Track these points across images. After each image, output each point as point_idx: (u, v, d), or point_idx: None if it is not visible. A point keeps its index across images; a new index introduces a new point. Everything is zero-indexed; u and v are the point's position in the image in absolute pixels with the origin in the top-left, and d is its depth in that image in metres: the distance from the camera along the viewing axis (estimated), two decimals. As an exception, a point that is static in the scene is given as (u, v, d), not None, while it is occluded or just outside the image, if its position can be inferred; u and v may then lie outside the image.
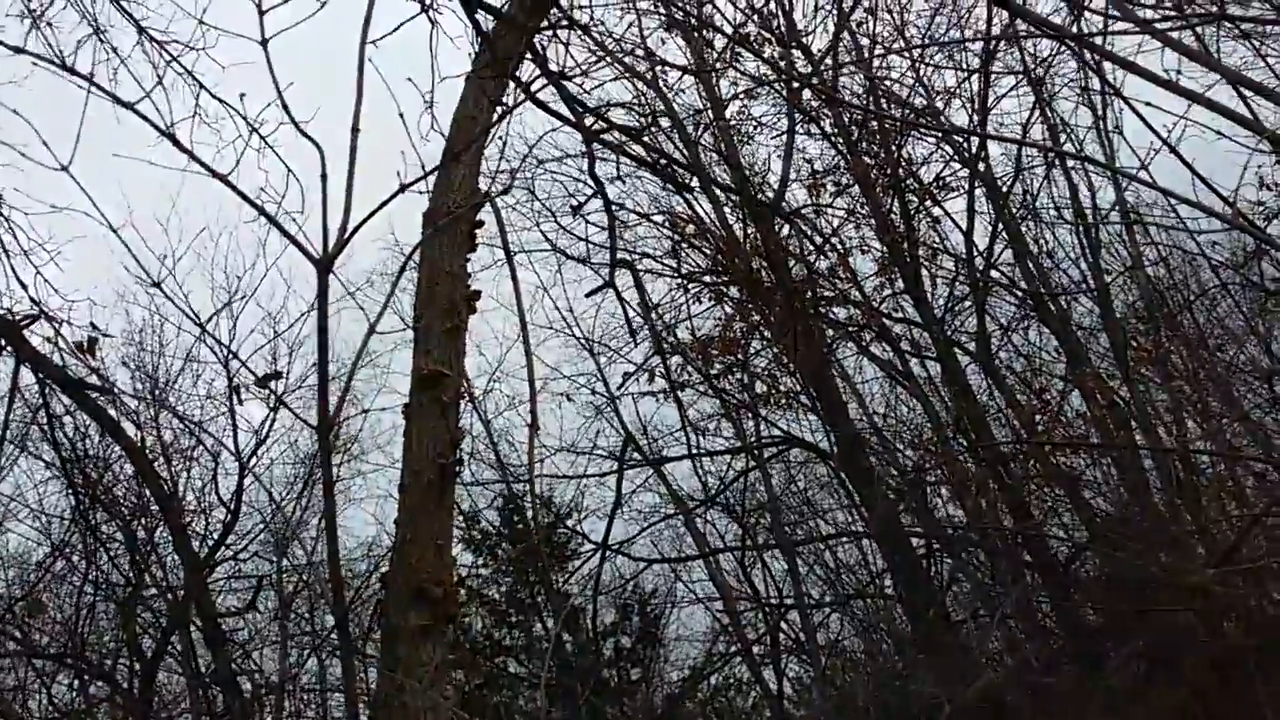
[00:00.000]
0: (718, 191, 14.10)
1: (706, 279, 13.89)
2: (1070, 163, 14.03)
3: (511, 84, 7.92)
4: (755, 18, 12.15)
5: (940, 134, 13.85)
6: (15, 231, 8.14)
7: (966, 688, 8.33)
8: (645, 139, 8.92)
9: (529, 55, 7.66)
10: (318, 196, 5.46)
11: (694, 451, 14.72)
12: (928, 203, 14.07)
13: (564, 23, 7.50)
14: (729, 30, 11.41)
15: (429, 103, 8.39)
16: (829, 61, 12.44)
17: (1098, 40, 5.26)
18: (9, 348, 7.67)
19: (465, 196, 8.45)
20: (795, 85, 13.41)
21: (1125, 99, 10.30)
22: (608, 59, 10.00)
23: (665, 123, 13.88)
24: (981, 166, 13.96)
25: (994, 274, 14.26)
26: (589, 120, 7.11)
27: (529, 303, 14.77)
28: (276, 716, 10.69)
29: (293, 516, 13.53)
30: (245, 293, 12.23)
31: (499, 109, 8.81)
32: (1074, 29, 6.98)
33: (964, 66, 13.71)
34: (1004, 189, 14.14)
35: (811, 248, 13.24)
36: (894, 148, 13.53)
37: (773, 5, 12.40)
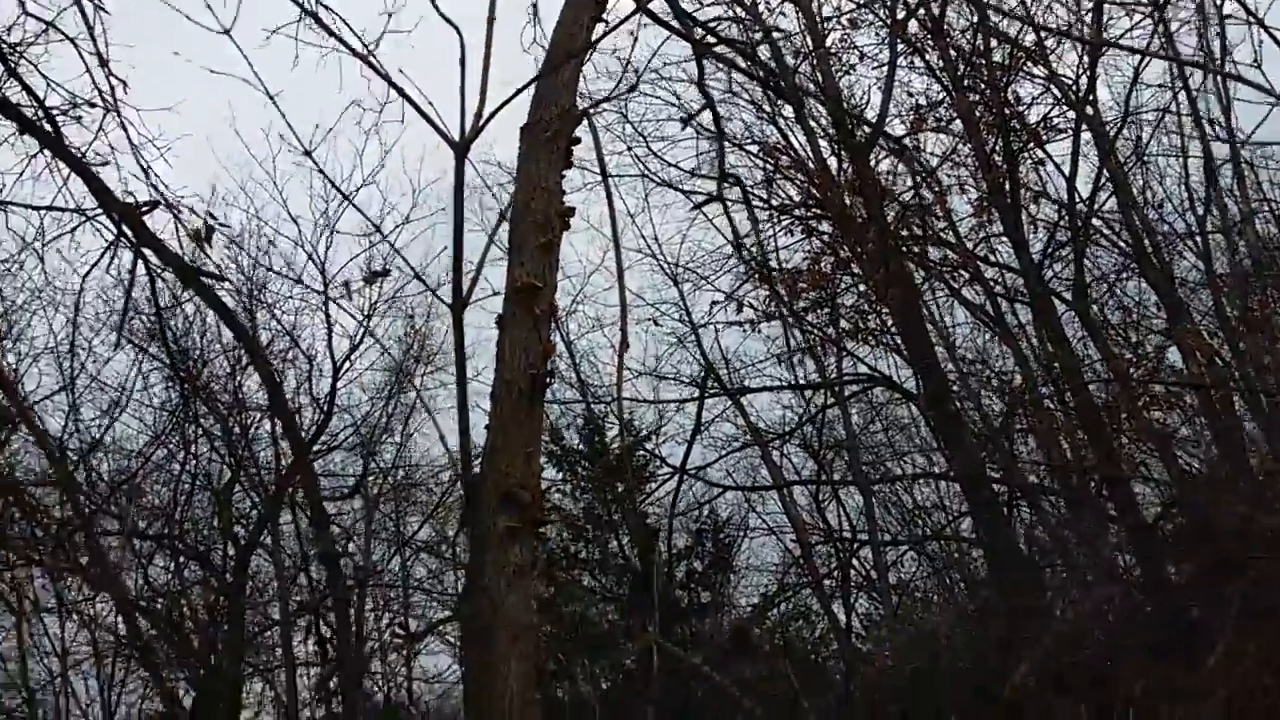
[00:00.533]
0: (813, 124, 13.90)
1: (798, 212, 13.73)
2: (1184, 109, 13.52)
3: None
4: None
5: (1049, 73, 13.40)
6: (128, 126, 8.39)
7: (1046, 634, 8.31)
8: (751, 54, 8.80)
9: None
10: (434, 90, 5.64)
11: (775, 384, 14.77)
12: (1031, 145, 13.66)
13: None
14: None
15: (534, 13, 8.41)
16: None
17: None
18: (124, 238, 7.95)
19: (564, 112, 8.47)
20: (900, 15, 13.03)
21: (1265, 26, 9.61)
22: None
23: (764, 53, 13.62)
24: (1089, 111, 13.50)
25: (1096, 222, 13.88)
26: (699, 34, 7.04)
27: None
28: (360, 606, 11.16)
29: (381, 420, 13.98)
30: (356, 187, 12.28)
31: (603, 23, 8.79)
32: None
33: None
34: (1111, 134, 13.69)
35: (909, 184, 12.98)
36: (1000, 85, 13.11)
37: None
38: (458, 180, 5.60)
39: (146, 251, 7.93)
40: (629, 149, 15.06)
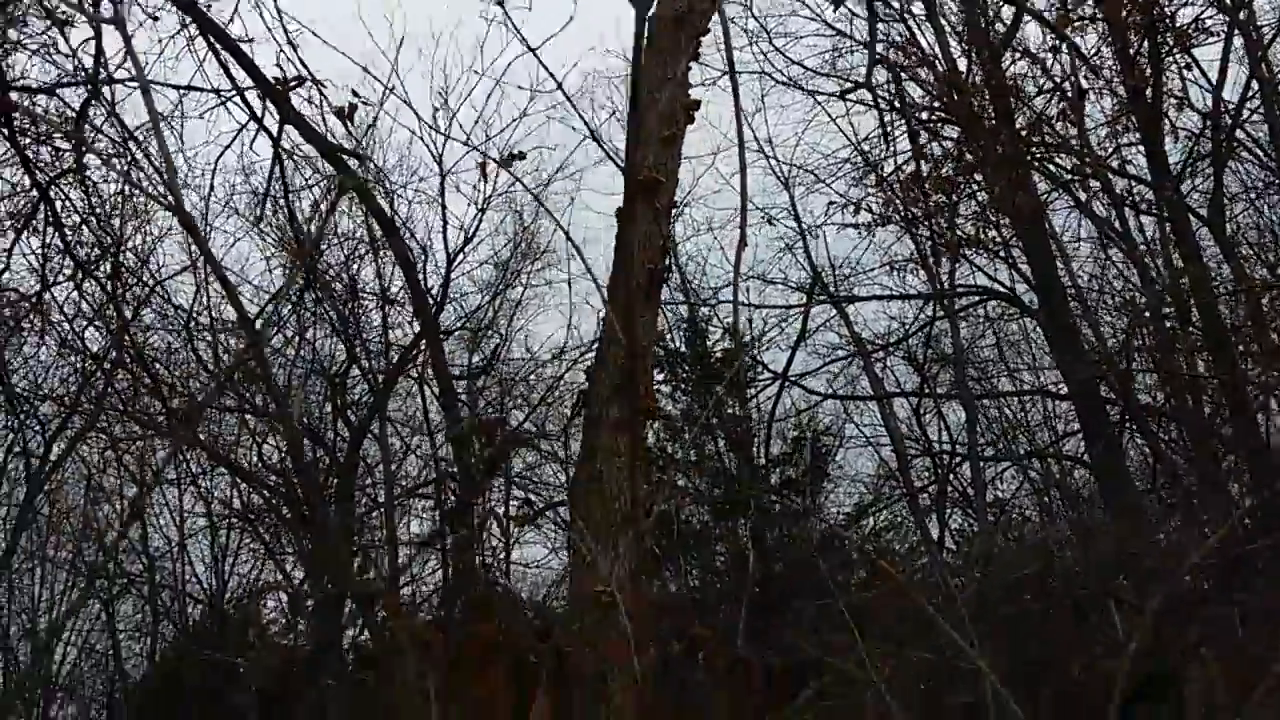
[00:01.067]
0: (944, 22, 13.31)
1: (923, 115, 13.23)
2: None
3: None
4: None
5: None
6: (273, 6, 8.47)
7: (1154, 560, 8.08)
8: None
9: None
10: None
11: (884, 293, 14.55)
12: (1177, 49, 12.83)
13: None
14: None
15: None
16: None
17: None
18: (255, 118, 8.04)
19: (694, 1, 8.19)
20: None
21: None
22: None
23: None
24: (1243, 15, 12.60)
25: (1240, 135, 13.09)
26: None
27: (728, 129, 14.60)
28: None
29: (488, 315, 14.20)
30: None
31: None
32: None
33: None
34: (1266, 40, 12.78)
35: (1042, 88, 12.33)
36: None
37: None
38: (638, 33, 5.54)
39: (280, 134, 8.03)
40: (752, 43, 14.78)
